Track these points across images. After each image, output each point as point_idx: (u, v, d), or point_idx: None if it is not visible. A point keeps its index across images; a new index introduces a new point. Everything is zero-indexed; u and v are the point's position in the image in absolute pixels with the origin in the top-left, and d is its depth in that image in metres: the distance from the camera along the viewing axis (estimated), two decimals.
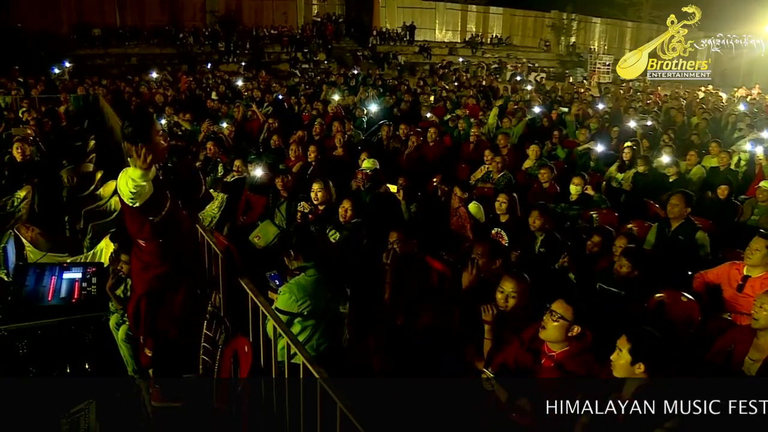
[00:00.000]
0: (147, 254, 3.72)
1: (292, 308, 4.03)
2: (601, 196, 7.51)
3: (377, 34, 33.31)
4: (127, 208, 3.60)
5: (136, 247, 3.78)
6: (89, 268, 4.85)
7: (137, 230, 3.68)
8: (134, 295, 3.88)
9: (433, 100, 14.99)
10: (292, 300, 4.04)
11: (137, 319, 3.80)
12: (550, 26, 37.50)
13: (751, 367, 4.07)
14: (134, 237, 3.75)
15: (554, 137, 10.63)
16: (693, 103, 17.33)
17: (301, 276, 4.16)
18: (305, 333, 4.07)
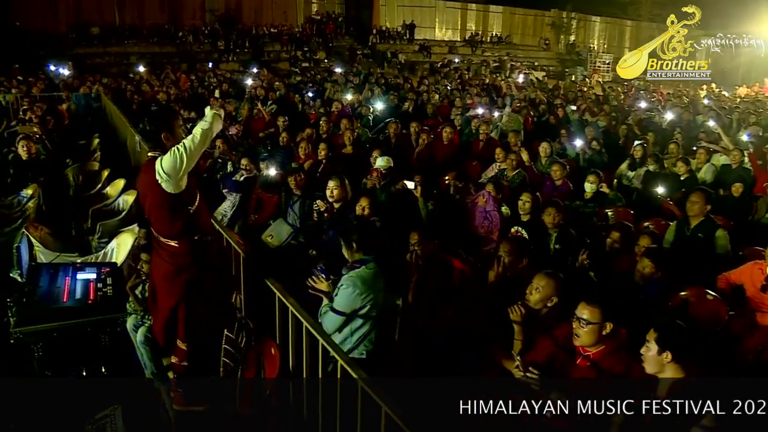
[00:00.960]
0: (179, 256, 3.62)
1: (356, 303, 3.91)
2: (617, 194, 7.43)
3: (377, 32, 33.16)
4: (159, 200, 3.51)
5: (163, 250, 3.67)
6: (103, 268, 4.72)
7: (168, 226, 3.59)
8: (166, 301, 3.74)
9: (438, 98, 14.86)
10: (356, 294, 3.91)
11: (172, 328, 3.69)
12: (550, 25, 37.35)
13: None
14: (164, 236, 3.64)
15: (562, 135, 10.53)
16: (696, 101, 17.28)
17: (362, 269, 4.01)
18: (365, 327, 3.96)
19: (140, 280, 4.35)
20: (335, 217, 6.00)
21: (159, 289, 3.81)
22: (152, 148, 3.68)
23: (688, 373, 3.14)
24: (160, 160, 3.50)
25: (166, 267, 3.69)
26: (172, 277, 3.69)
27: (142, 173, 3.72)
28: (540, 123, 12.13)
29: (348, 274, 3.99)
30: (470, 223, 6.52)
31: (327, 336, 3.25)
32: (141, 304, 4.28)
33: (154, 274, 3.85)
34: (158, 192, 3.52)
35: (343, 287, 3.95)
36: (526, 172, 8.00)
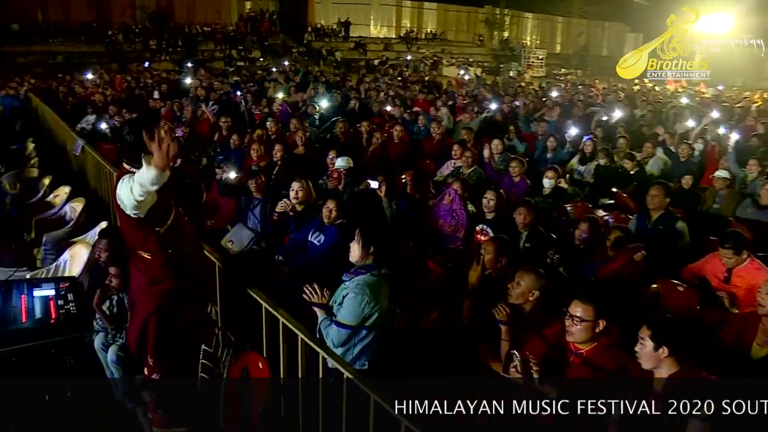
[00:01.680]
0: (154, 268, 3.39)
1: (364, 312, 3.73)
2: (575, 189, 7.51)
3: (312, 30, 32.88)
4: (126, 219, 3.27)
5: (139, 262, 3.44)
6: (62, 284, 4.44)
7: (140, 243, 3.36)
8: (138, 314, 3.52)
9: (383, 96, 14.76)
10: (365, 303, 3.73)
11: (143, 339, 3.46)
12: (484, 21, 37.90)
13: (758, 352, 4.15)
14: (136, 250, 3.41)
15: (510, 132, 10.59)
16: (632, 95, 17.74)
17: (368, 276, 3.83)
18: (369, 337, 3.79)
19: (108, 295, 4.09)
20: (300, 219, 5.83)
21: (135, 300, 3.60)
22: (129, 161, 3.39)
23: (683, 367, 3.17)
24: (119, 184, 3.24)
25: (141, 278, 3.48)
26: (147, 288, 3.47)
27: (114, 187, 3.48)
28: (487, 120, 12.16)
29: (353, 281, 3.82)
30: (435, 221, 6.44)
31: (326, 347, 3.09)
32: (111, 321, 4.02)
33: (132, 284, 3.62)
34: (123, 213, 3.29)
35: (350, 296, 3.77)
36: (483, 169, 8.00)
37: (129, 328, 3.62)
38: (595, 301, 3.44)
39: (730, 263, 4.94)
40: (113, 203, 3.44)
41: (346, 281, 3.89)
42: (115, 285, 4.04)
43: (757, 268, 4.92)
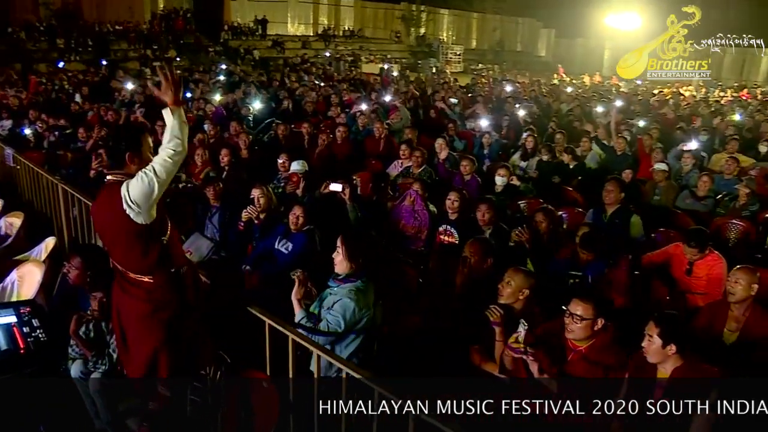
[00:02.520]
0: (156, 292, 3.20)
1: (356, 317, 3.70)
2: (527, 185, 7.62)
3: (229, 28, 32.17)
4: (126, 233, 3.10)
5: (136, 288, 3.23)
6: (22, 308, 4.12)
7: (139, 261, 3.15)
8: (145, 344, 3.30)
9: (314, 95, 14.59)
10: (357, 309, 3.71)
11: (152, 372, 3.24)
12: (401, 18, 38.16)
13: (729, 337, 4.36)
14: (134, 271, 3.20)
15: (450, 129, 10.67)
16: (558, 90, 18.30)
17: (359, 283, 3.80)
18: (357, 341, 3.77)
19: (85, 319, 3.81)
20: (264, 227, 5.68)
21: (133, 332, 3.33)
22: (113, 169, 3.22)
23: (686, 361, 3.28)
24: (126, 187, 3.06)
25: (142, 306, 3.23)
26: (150, 316, 3.24)
27: (101, 200, 3.26)
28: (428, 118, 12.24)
29: (344, 288, 3.78)
30: (396, 223, 6.41)
31: (344, 361, 3.00)
32: (91, 348, 3.74)
33: (125, 315, 3.34)
34: (126, 223, 3.08)
35: (343, 302, 3.72)
36: (433, 168, 8.02)
37: (130, 362, 3.36)
38: (594, 300, 3.51)
39: (694, 257, 5.14)
40: (107, 220, 3.23)
41: (335, 287, 3.85)
42: (96, 313, 3.77)
43: (716, 260, 5.15)
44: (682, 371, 3.29)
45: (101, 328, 3.83)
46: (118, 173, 3.19)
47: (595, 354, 3.56)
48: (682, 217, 7.06)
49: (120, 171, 3.19)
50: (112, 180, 3.20)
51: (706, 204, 7.38)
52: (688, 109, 15.05)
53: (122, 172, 3.18)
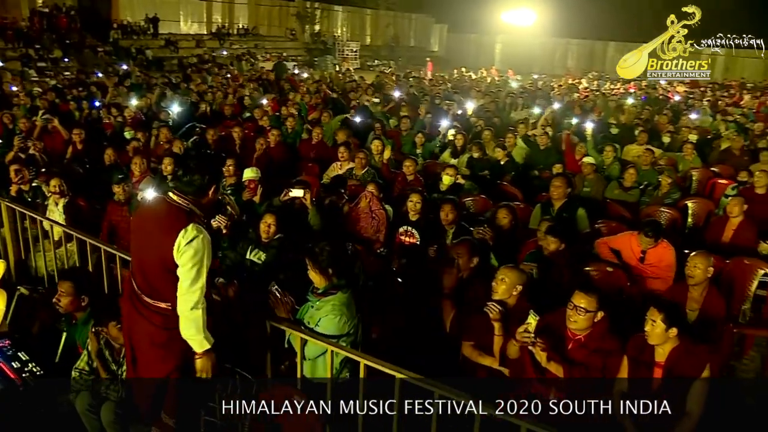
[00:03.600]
0: (174, 319, 3.16)
1: (342, 330, 3.72)
2: (472, 183, 7.86)
3: (118, 27, 30.80)
4: (164, 264, 3.06)
5: (153, 314, 3.19)
6: (1, 342, 3.92)
7: (167, 287, 3.11)
8: (157, 370, 3.25)
9: (231, 98, 14.31)
10: (343, 321, 3.74)
11: (159, 397, 3.18)
12: (295, 15, 37.92)
13: (691, 316, 4.78)
14: (154, 298, 3.16)
15: (377, 129, 10.81)
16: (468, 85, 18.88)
17: (339, 295, 3.82)
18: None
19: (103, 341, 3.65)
20: (232, 237, 5.61)
21: (145, 357, 3.27)
22: (186, 195, 3.17)
23: (681, 342, 3.65)
24: (184, 234, 3.04)
25: (157, 333, 3.19)
26: (167, 343, 3.20)
27: (157, 217, 3.19)
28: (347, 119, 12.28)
29: (326, 302, 3.80)
30: (353, 225, 6.49)
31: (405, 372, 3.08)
32: (107, 371, 3.60)
33: (138, 338, 3.27)
34: (170, 256, 3.06)
35: (329, 317, 3.74)
36: (376, 169, 8.13)
37: (139, 388, 3.29)
38: (597, 292, 3.77)
39: (647, 246, 5.55)
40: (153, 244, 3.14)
41: (316, 302, 3.87)
42: (114, 336, 3.63)
43: (665, 248, 5.59)
44: (678, 351, 3.63)
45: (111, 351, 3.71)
46: (184, 198, 3.16)
47: (593, 342, 3.84)
48: (615, 207, 7.55)
49: (189, 197, 3.16)
50: (176, 202, 3.15)
51: (632, 194, 7.93)
52: (591, 103, 15.92)
53: (195, 201, 3.16)
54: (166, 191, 3.27)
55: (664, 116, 13.20)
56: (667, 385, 3.63)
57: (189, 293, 3.07)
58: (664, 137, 11.27)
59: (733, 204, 6.55)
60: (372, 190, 6.51)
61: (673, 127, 12.38)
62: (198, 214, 3.18)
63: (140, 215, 3.35)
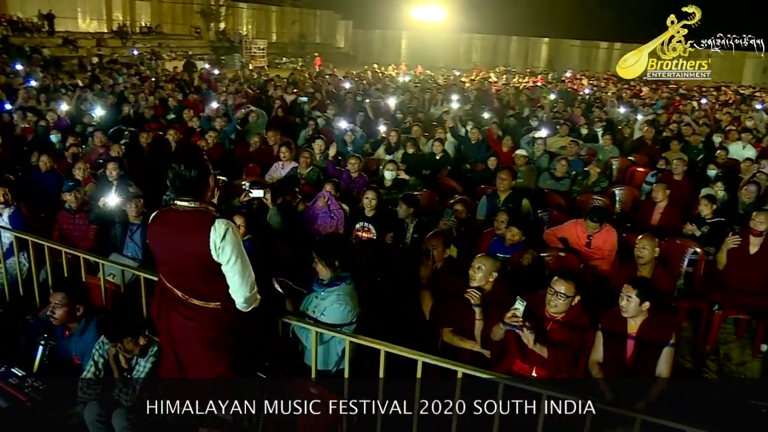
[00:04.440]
0: (224, 319, 3.25)
1: (347, 319, 3.92)
2: (415, 178, 8.14)
3: (8, 23, 29.13)
4: (203, 266, 3.14)
5: (202, 315, 3.24)
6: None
7: (212, 287, 3.18)
8: (209, 371, 3.32)
9: (153, 99, 13.94)
10: (348, 311, 3.94)
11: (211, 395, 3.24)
12: (199, 12, 37.10)
13: None
14: (202, 299, 3.22)
15: (310, 128, 10.92)
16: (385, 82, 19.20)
17: (343, 286, 4.02)
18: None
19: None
20: None
21: (195, 358, 3.31)
22: (190, 198, 3.17)
23: (650, 314, 4.10)
24: (214, 233, 3.08)
25: (208, 332, 3.24)
26: (217, 342, 3.26)
27: (177, 226, 3.17)
28: (276, 117, 12.31)
29: (333, 291, 4.00)
30: (311, 224, 6.62)
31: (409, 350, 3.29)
32: (121, 376, 3.60)
33: (184, 341, 3.30)
34: (207, 259, 3.11)
35: (334, 307, 3.94)
36: (321, 168, 8.26)
37: (189, 386, 3.34)
38: (575, 279, 4.13)
39: (592, 231, 6.00)
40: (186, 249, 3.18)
41: (321, 293, 4.07)
42: (129, 348, 3.63)
43: (609, 231, 6.08)
44: (647, 323, 4.05)
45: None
46: (194, 201, 3.16)
47: (570, 321, 4.18)
48: (551, 196, 8.03)
49: (198, 199, 3.17)
50: (190, 208, 3.16)
51: (564, 183, 8.44)
52: (506, 97, 16.59)
53: (200, 199, 3.18)
54: (169, 203, 3.30)
55: (578, 109, 13.98)
56: (639, 352, 4.04)
57: (243, 285, 3.17)
58: (582, 128, 11.96)
59: (657, 190, 7.15)
60: (330, 190, 6.67)
61: (586, 119, 13.16)
62: (211, 209, 3.21)
63: (158, 231, 3.30)
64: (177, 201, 3.18)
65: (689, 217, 7.01)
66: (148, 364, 3.69)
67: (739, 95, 19.81)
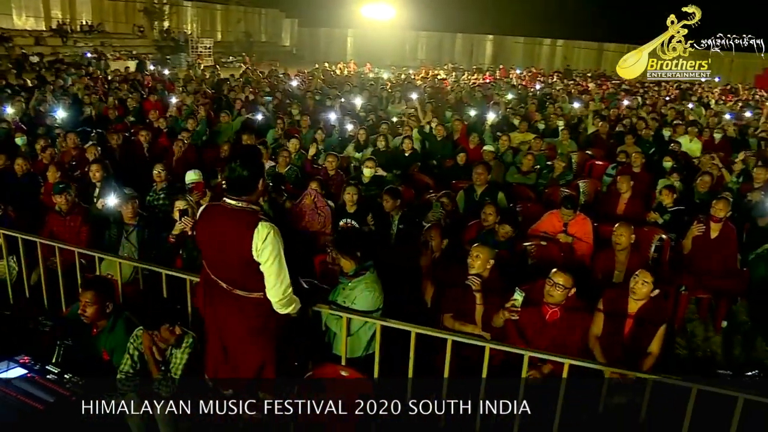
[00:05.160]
0: (267, 307, 3.47)
1: (376, 304, 4.22)
2: (393, 174, 8.42)
3: None
4: (246, 263, 3.35)
5: (246, 304, 3.46)
6: (19, 359, 3.94)
7: (255, 279, 3.41)
8: (256, 357, 3.55)
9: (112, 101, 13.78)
10: (376, 296, 4.25)
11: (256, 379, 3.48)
12: (142, 11, 36.43)
13: (618, 277, 5.70)
14: (247, 290, 3.43)
15: (279, 126, 11.08)
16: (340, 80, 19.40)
17: (368, 274, 4.32)
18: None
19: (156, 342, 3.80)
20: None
21: (242, 346, 3.54)
22: (239, 196, 3.35)
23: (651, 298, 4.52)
24: (257, 234, 3.28)
25: (254, 321, 3.46)
26: (263, 328, 3.48)
27: (225, 223, 3.36)
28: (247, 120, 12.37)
29: (360, 280, 4.30)
30: (299, 222, 6.82)
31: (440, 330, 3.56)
32: (159, 369, 3.76)
33: (231, 330, 3.52)
34: (250, 257, 3.32)
35: (364, 294, 4.25)
36: (299, 167, 8.46)
37: (236, 372, 3.56)
38: (572, 272, 4.49)
39: (568, 219, 6.41)
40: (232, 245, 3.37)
41: (348, 284, 4.36)
42: (165, 337, 3.80)
43: (583, 218, 6.50)
44: (647, 305, 4.53)
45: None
46: (243, 199, 3.35)
47: (567, 308, 4.54)
48: (522, 189, 8.43)
49: (247, 198, 3.36)
50: (238, 206, 3.35)
51: (530, 177, 8.88)
52: (459, 94, 17.05)
53: (249, 199, 3.37)
54: (220, 198, 3.48)
55: (533, 105, 14.50)
56: (636, 331, 4.44)
57: (277, 285, 3.38)
58: (539, 124, 12.46)
59: (622, 182, 7.62)
60: (316, 188, 6.88)
61: (541, 115, 13.68)
62: (258, 210, 3.42)
63: (205, 226, 3.51)
64: (227, 198, 3.37)
65: (649, 207, 7.51)
66: (184, 356, 3.88)
67: (678, 90, 20.78)
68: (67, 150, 8.86)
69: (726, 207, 6.37)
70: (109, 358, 4.09)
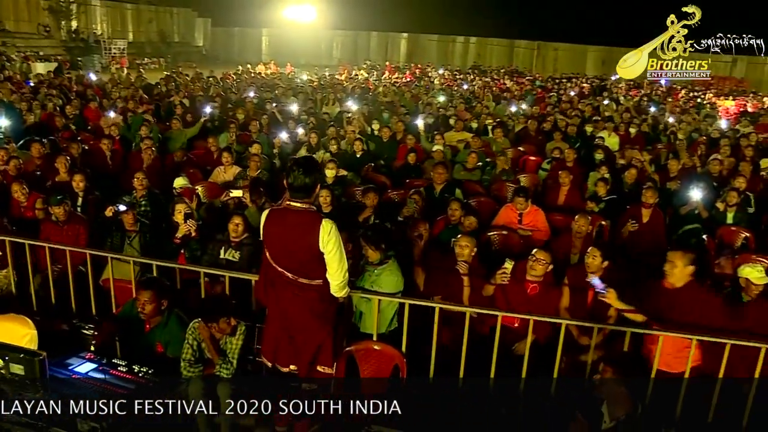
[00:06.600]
0: (327, 291, 4.13)
1: (400, 286, 5.03)
2: (354, 174, 9.07)
3: None
4: (312, 255, 3.98)
5: (309, 292, 4.09)
6: (86, 355, 4.33)
7: (317, 268, 4.06)
8: (317, 336, 4.19)
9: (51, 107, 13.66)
10: (399, 279, 5.06)
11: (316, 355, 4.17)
12: (47, 9, 34.83)
13: (574, 258, 6.63)
14: (309, 278, 4.06)
15: (231, 130, 11.45)
16: (270, 83, 19.75)
17: (391, 262, 5.13)
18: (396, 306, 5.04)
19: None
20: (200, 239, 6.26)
21: (306, 328, 4.16)
22: (303, 200, 3.97)
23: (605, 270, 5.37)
24: (323, 230, 3.91)
25: (318, 305, 4.10)
26: (326, 311, 4.14)
27: (292, 223, 3.96)
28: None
29: (384, 267, 5.12)
30: None
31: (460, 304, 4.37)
32: (219, 353, 4.34)
33: (296, 315, 4.12)
34: (316, 249, 3.95)
35: (390, 278, 5.07)
36: (268, 170, 8.98)
37: (299, 353, 4.21)
38: (550, 250, 5.35)
39: (522, 209, 7.30)
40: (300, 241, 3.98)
41: (374, 271, 5.14)
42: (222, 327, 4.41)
43: (536, 209, 7.43)
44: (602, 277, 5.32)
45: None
46: (306, 202, 3.98)
47: (546, 282, 5.41)
48: (468, 185, 9.26)
49: (308, 200, 4.00)
50: (303, 208, 3.98)
51: (475, 173, 9.74)
52: (389, 95, 17.81)
53: (310, 201, 4.00)
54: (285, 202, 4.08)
55: (461, 104, 15.46)
56: (596, 300, 5.30)
57: (339, 270, 4.07)
58: (472, 123, 13.40)
59: (563, 176, 8.61)
60: None
61: (470, 114, 14.64)
62: (316, 209, 4.09)
63: (272, 225, 4.10)
64: (290, 201, 4.01)
65: (583, 197, 8.53)
66: (239, 342, 4.48)
67: (592, 86, 22.36)
68: (31, 159, 8.97)
69: (654, 195, 7.47)
70: (163, 350, 4.60)
